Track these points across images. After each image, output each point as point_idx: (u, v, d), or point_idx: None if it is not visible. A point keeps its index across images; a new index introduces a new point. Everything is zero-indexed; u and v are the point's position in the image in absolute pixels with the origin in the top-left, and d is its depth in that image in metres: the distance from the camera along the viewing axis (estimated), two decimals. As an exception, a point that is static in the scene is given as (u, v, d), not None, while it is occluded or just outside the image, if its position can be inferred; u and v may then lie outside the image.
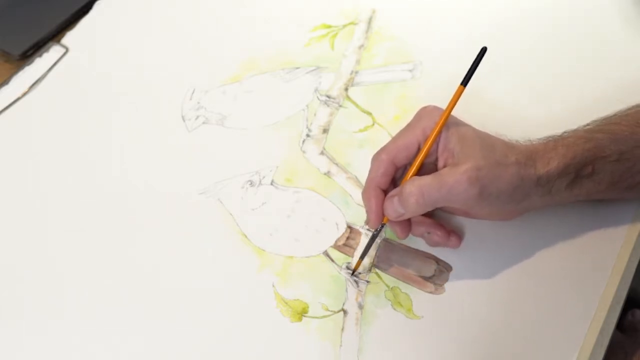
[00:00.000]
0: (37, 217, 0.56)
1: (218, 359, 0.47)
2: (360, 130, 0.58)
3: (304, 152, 0.57)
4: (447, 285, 0.49)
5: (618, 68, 0.59)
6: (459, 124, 0.47)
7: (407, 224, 0.48)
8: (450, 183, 0.44)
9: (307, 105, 0.60)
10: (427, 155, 0.46)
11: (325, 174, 0.56)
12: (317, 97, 0.61)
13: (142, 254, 0.53)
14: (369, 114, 0.59)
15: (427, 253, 0.51)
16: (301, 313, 0.49)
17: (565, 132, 0.47)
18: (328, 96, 0.61)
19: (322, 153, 0.57)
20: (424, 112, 0.47)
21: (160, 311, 0.50)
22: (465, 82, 0.47)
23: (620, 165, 0.46)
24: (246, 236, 0.53)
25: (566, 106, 0.56)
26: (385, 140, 0.56)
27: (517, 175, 0.44)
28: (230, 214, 0.54)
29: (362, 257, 0.50)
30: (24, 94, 0.64)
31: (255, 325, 0.49)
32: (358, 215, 0.53)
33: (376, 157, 0.48)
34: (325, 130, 0.59)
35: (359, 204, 0.54)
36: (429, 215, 0.49)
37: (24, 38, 0.67)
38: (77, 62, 0.66)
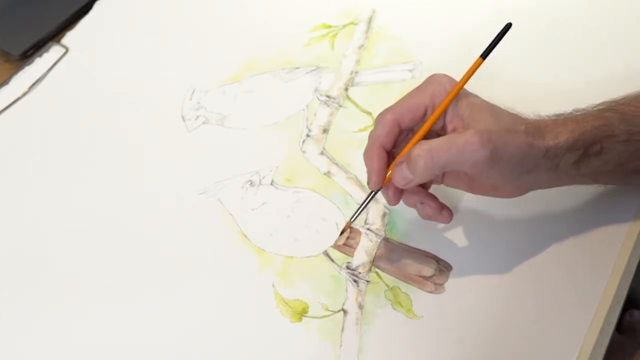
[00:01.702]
0: (37, 217, 0.56)
1: (218, 359, 0.47)
2: (360, 130, 0.58)
3: (304, 152, 0.57)
4: (447, 285, 0.49)
5: (621, 66, 0.59)
6: (468, 93, 0.46)
7: (399, 190, 0.47)
8: (461, 144, 0.42)
9: (307, 105, 0.60)
10: (434, 122, 0.45)
11: (325, 174, 0.56)
12: (317, 97, 0.61)
13: (142, 254, 0.53)
14: (369, 114, 0.59)
15: (427, 253, 0.51)
16: (301, 313, 0.49)
17: (575, 110, 0.47)
18: (328, 96, 0.61)
19: (322, 153, 0.57)
20: (434, 78, 0.46)
21: (160, 311, 0.50)
22: (485, 55, 0.46)
23: (629, 145, 0.45)
24: (246, 236, 0.53)
25: (569, 104, 0.56)
26: (385, 140, 0.56)
27: (526, 143, 0.43)
28: (230, 214, 0.54)
29: (355, 216, 0.48)
30: (24, 94, 0.64)
31: (255, 325, 0.49)
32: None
33: (381, 117, 0.46)
34: (325, 130, 0.59)
35: (359, 204, 0.53)
36: (424, 186, 0.48)
37: (24, 38, 0.67)
38: (77, 62, 0.66)
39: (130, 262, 0.52)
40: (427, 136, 0.45)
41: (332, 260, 0.51)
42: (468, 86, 0.46)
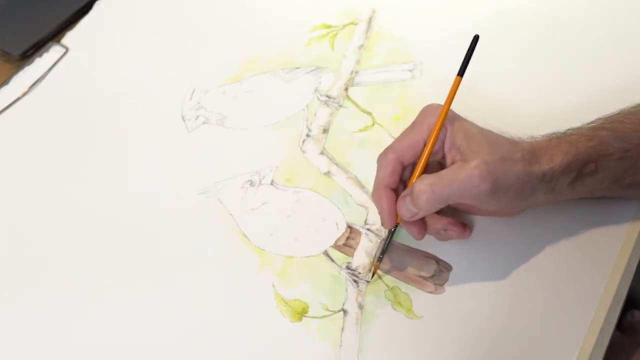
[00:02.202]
0: (37, 217, 0.55)
1: (218, 359, 0.47)
2: (360, 130, 0.58)
3: (304, 152, 0.57)
4: (447, 285, 0.49)
5: (621, 66, 0.59)
6: (462, 120, 0.47)
7: (423, 224, 0.48)
8: (462, 178, 0.43)
9: (307, 105, 0.60)
10: (433, 154, 0.46)
11: (325, 174, 0.56)
12: (317, 97, 0.61)
13: (142, 254, 0.53)
14: (369, 114, 0.59)
15: (427, 253, 0.51)
16: (301, 313, 0.49)
17: (568, 130, 0.47)
18: (328, 96, 0.61)
19: (322, 153, 0.57)
20: (428, 110, 0.47)
21: (160, 311, 0.50)
22: (461, 72, 0.47)
23: (623, 162, 0.46)
24: (246, 236, 0.53)
25: (568, 104, 0.56)
26: (385, 140, 0.56)
27: (524, 171, 0.44)
28: (230, 214, 0.54)
29: (379, 260, 0.49)
30: (24, 94, 0.64)
31: (255, 325, 0.48)
32: (358, 215, 0.53)
33: (383, 157, 0.47)
34: (325, 130, 0.59)
35: (359, 204, 0.54)
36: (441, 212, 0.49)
37: (24, 38, 0.67)
38: (77, 62, 0.66)
39: (130, 262, 0.52)
40: (429, 168, 0.46)
41: (332, 260, 0.51)
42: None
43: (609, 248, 0.49)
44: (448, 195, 0.44)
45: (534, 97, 0.58)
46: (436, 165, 0.47)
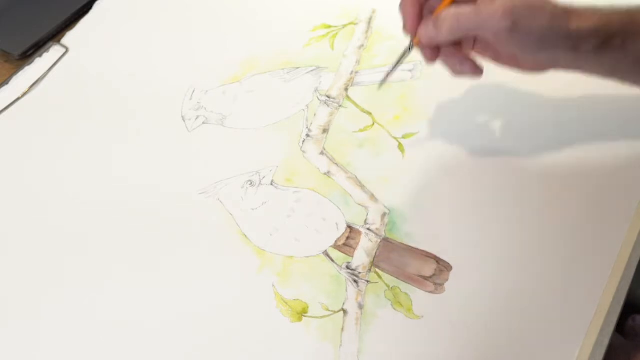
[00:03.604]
0: (37, 217, 0.56)
1: (218, 359, 0.47)
2: (360, 130, 0.58)
3: (304, 152, 0.57)
4: (447, 285, 0.49)
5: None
6: None
7: (436, 49, 0.49)
8: (485, 12, 0.45)
9: (307, 105, 0.60)
10: None
11: (325, 174, 0.56)
12: (317, 97, 0.61)
13: (142, 254, 0.53)
14: (369, 114, 0.59)
15: (427, 252, 0.51)
16: (301, 313, 0.49)
17: (605, 8, 0.48)
18: (328, 96, 0.61)
19: (322, 153, 0.57)
20: None
21: (160, 311, 0.50)
22: None
23: None
24: (246, 236, 0.53)
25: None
26: (385, 140, 0.56)
27: (550, 21, 0.45)
28: (230, 214, 0.54)
29: (393, 70, 0.51)
30: (24, 94, 0.64)
31: (255, 325, 0.49)
32: (358, 215, 0.53)
33: None
34: (325, 130, 0.59)
35: (359, 204, 0.54)
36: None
37: (24, 38, 0.67)
38: (77, 62, 0.66)
39: (130, 262, 0.52)
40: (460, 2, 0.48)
41: (332, 260, 0.51)
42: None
43: (609, 248, 0.49)
44: (469, 26, 0.46)
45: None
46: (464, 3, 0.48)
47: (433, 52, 0.49)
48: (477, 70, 0.50)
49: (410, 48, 0.50)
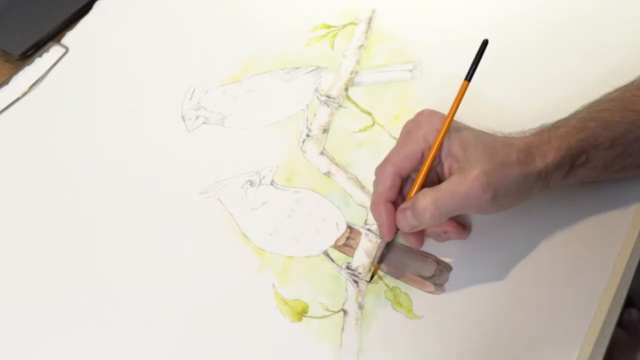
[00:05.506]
0: (37, 217, 0.56)
1: (218, 359, 0.47)
2: (360, 130, 0.58)
3: (304, 152, 0.57)
4: (447, 285, 0.49)
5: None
6: (458, 126, 0.47)
7: (421, 233, 0.49)
8: (463, 192, 0.44)
9: (307, 105, 0.60)
10: (430, 167, 0.47)
11: (325, 174, 0.56)
12: (317, 97, 0.61)
13: (142, 254, 0.53)
14: (369, 114, 0.59)
15: (427, 253, 0.51)
16: (301, 313, 0.49)
17: (557, 122, 0.48)
18: (328, 96, 0.61)
19: (322, 153, 0.57)
20: (422, 118, 0.48)
21: (160, 311, 0.50)
22: (469, 77, 0.47)
23: (612, 151, 0.46)
24: (246, 236, 0.53)
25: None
26: (385, 140, 0.56)
27: (521, 174, 0.45)
28: (230, 214, 0.54)
29: (379, 261, 0.49)
30: (24, 94, 0.64)
31: (255, 325, 0.49)
32: (358, 215, 0.53)
33: (381, 170, 0.47)
34: (325, 130, 0.59)
35: (359, 204, 0.54)
36: None
37: (24, 38, 0.67)
38: (77, 62, 0.66)
39: (129, 262, 0.52)
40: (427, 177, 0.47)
41: (332, 260, 0.51)
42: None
43: (609, 248, 0.49)
44: (451, 209, 0.45)
45: (532, 94, 0.58)
46: (433, 172, 0.48)
47: (418, 237, 0.49)
48: (463, 233, 0.50)
49: (389, 245, 0.49)
